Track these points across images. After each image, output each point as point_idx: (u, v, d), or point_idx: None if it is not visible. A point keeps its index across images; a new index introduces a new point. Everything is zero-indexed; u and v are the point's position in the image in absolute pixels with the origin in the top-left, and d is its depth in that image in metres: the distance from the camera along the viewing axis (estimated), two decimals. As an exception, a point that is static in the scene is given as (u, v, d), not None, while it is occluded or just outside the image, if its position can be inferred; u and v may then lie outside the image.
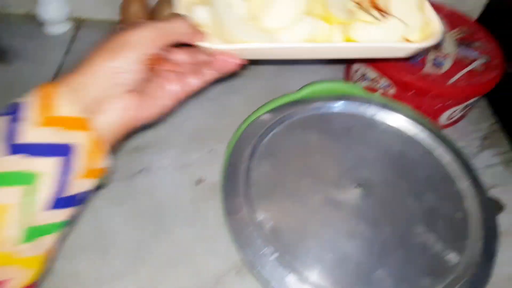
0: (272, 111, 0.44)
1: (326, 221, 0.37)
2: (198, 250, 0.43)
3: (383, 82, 0.55)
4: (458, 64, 0.55)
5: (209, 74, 0.31)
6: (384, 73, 0.54)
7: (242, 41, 0.31)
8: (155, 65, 0.29)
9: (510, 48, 0.55)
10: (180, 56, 0.32)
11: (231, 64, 0.31)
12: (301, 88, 0.46)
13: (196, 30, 0.30)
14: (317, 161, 0.41)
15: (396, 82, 0.54)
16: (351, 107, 0.46)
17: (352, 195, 0.39)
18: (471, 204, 0.40)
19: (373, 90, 0.57)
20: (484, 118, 0.64)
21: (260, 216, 0.36)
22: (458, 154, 0.44)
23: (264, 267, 0.34)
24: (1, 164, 0.23)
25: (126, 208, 0.43)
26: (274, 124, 0.43)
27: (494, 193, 0.55)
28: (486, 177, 0.57)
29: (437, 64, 0.54)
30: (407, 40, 0.34)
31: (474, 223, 0.39)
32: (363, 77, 0.58)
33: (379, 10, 0.35)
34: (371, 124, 0.45)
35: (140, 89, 0.28)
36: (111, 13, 0.64)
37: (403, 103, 0.53)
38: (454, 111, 0.57)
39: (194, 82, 0.31)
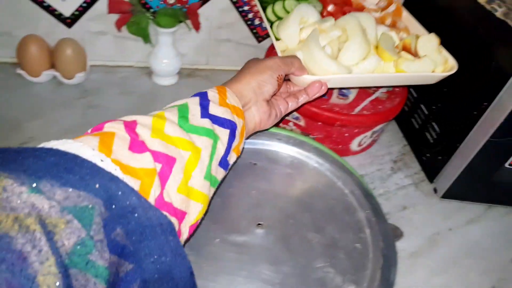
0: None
1: (225, 266, 0.36)
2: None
3: (294, 114, 0.56)
4: (363, 94, 0.58)
5: (303, 99, 0.45)
6: (292, 105, 0.55)
7: (329, 73, 0.45)
8: (280, 84, 0.42)
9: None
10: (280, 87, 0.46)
11: (321, 90, 0.45)
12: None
13: (303, 66, 0.44)
14: (218, 202, 0.41)
15: (305, 114, 0.55)
16: (255, 144, 0.46)
17: (253, 235, 0.39)
18: (371, 233, 0.41)
19: (285, 122, 0.58)
20: (396, 141, 0.68)
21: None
22: (359, 183, 0.45)
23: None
24: (200, 121, 0.33)
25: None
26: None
27: (406, 213, 0.58)
28: (397, 199, 0.60)
29: (342, 95, 0.57)
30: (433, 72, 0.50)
31: (373, 253, 0.40)
32: (275, 109, 0.59)
33: (411, 53, 0.50)
34: (276, 159, 0.46)
35: (270, 101, 0.42)
36: (7, 55, 0.61)
37: (310, 135, 0.55)
38: (364, 138, 0.59)
39: (292, 104, 0.45)
